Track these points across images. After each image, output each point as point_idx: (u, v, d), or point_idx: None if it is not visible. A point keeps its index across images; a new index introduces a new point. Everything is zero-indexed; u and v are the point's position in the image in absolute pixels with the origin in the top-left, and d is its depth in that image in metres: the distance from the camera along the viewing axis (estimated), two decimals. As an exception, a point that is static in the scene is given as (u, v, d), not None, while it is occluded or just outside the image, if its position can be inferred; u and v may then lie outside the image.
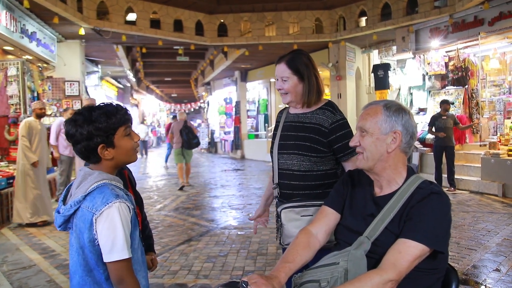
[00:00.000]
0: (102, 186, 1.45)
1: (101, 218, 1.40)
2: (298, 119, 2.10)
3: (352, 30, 10.92)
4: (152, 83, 23.82)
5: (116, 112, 1.51)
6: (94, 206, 1.41)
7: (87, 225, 1.42)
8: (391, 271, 1.30)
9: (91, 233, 1.42)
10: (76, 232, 1.47)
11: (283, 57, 2.10)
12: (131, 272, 1.44)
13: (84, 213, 1.43)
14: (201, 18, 11.23)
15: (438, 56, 9.23)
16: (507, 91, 8.96)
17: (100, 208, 1.40)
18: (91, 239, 1.42)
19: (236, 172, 12.78)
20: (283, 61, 2.08)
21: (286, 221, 2.01)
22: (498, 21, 8.15)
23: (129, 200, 1.49)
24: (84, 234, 1.43)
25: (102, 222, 1.40)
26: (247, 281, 1.30)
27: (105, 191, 1.43)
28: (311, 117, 2.06)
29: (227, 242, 5.01)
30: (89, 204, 1.42)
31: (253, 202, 7.56)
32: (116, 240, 1.39)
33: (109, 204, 1.40)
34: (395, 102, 1.56)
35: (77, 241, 1.48)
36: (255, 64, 15.99)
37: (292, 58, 2.07)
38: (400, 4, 9.68)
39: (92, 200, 1.42)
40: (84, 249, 1.45)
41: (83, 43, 10.61)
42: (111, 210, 1.40)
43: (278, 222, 2.08)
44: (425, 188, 1.46)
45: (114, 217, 1.40)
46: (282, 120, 2.20)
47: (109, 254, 1.40)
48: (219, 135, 21.25)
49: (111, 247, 1.39)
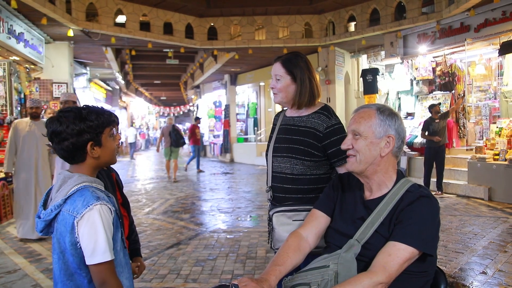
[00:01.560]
0: (83, 189, 1.44)
1: (82, 221, 1.39)
2: (294, 122, 2.10)
3: (341, 35, 11.01)
4: (141, 86, 23.68)
5: (104, 112, 1.55)
6: (75, 209, 1.40)
7: (69, 229, 1.41)
8: (381, 273, 1.31)
9: (73, 236, 1.41)
10: (57, 237, 1.46)
11: (280, 57, 2.11)
12: (113, 274, 1.44)
13: (65, 217, 1.42)
14: (191, 21, 11.22)
15: (425, 61, 9.36)
16: (492, 97, 9.12)
17: (81, 211, 1.39)
18: (73, 242, 1.41)
19: (225, 175, 12.75)
20: (279, 61, 2.09)
21: (277, 225, 2.00)
22: (483, 27, 8.29)
23: (111, 202, 1.49)
24: (65, 238, 1.42)
25: (83, 225, 1.39)
26: (237, 284, 1.29)
27: (85, 193, 1.43)
28: (307, 120, 2.06)
29: (216, 246, 4.99)
30: (69, 207, 1.41)
31: (242, 206, 7.55)
32: (97, 243, 1.39)
33: (90, 206, 1.39)
34: (387, 106, 1.58)
35: (58, 246, 1.46)
36: (244, 68, 16.01)
37: (288, 59, 2.07)
38: (389, 9, 9.80)
39: (72, 203, 1.41)
40: (65, 253, 1.44)
41: (71, 44, 10.51)
42: (92, 213, 1.39)
43: (269, 226, 2.07)
44: (414, 192, 1.47)
45: (95, 220, 1.39)
46: (278, 123, 2.20)
47: (91, 257, 1.39)
48: (208, 138, 21.18)
49: (93, 249, 1.39)
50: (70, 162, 1.53)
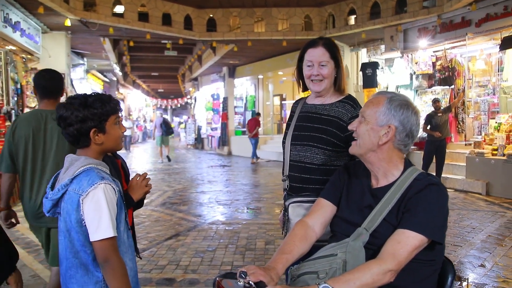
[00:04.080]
0: (88, 169, 1.51)
1: (87, 198, 1.45)
2: (316, 110, 2.01)
3: (341, 28, 10.96)
4: (138, 78, 23.55)
5: (110, 101, 1.60)
6: (81, 188, 1.46)
7: (74, 207, 1.47)
8: (390, 261, 1.29)
9: (78, 214, 1.47)
10: (63, 215, 1.52)
11: (317, 41, 1.97)
12: (116, 252, 1.49)
13: (71, 196, 1.48)
14: (190, 12, 11.13)
15: (425, 55, 9.33)
16: (491, 92, 9.12)
17: (86, 189, 1.46)
18: (78, 219, 1.47)
19: (223, 168, 12.73)
20: (321, 45, 1.94)
21: (293, 215, 1.93)
22: (485, 22, 8.26)
23: (115, 183, 1.54)
24: (71, 216, 1.48)
25: (88, 202, 1.45)
26: (246, 271, 1.28)
27: (91, 173, 1.49)
28: (330, 109, 1.97)
29: (215, 237, 4.98)
30: (75, 186, 1.48)
31: (240, 198, 7.54)
32: (101, 219, 1.45)
33: (95, 185, 1.46)
34: (402, 97, 1.53)
35: (64, 225, 1.52)
36: (243, 60, 15.93)
37: (330, 43, 1.96)
38: (389, 3, 9.75)
39: (78, 182, 1.48)
40: (71, 231, 1.50)
41: (68, 34, 10.40)
42: (97, 191, 1.46)
43: (285, 216, 1.98)
44: (422, 180, 1.45)
45: (99, 197, 1.46)
46: (297, 111, 2.09)
47: (94, 233, 1.45)
48: (206, 131, 21.14)
49: (97, 226, 1.45)
50: (76, 146, 1.60)
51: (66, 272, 1.53)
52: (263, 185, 9.07)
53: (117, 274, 1.46)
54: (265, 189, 8.56)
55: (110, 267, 1.45)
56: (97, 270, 1.51)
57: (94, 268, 1.50)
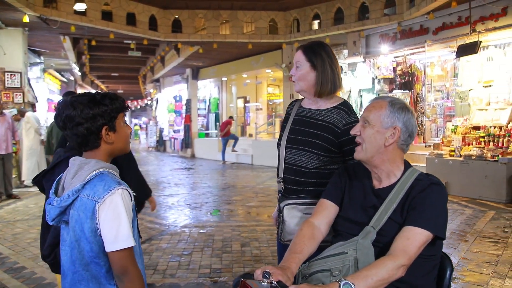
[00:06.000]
0: (102, 174, 1.40)
1: (104, 205, 1.34)
2: (311, 115, 2.05)
3: (305, 32, 11.18)
4: (97, 78, 22.81)
5: (117, 98, 1.51)
6: (96, 194, 1.35)
7: (89, 214, 1.35)
8: (402, 256, 1.37)
9: (93, 222, 1.35)
10: (72, 224, 1.40)
11: (303, 45, 2.06)
12: (134, 262, 1.39)
13: (84, 202, 1.36)
14: (155, 12, 10.96)
15: (387, 61, 9.71)
16: (445, 97, 9.65)
17: (103, 196, 1.34)
18: (93, 228, 1.36)
19: (188, 170, 12.60)
20: (301, 48, 2.04)
21: (288, 217, 1.96)
22: (441, 30, 8.73)
23: (130, 188, 1.45)
24: (84, 225, 1.36)
25: (105, 210, 1.35)
26: (270, 271, 1.29)
27: (105, 178, 1.39)
28: (325, 115, 2.01)
29: (190, 241, 4.93)
30: (89, 192, 1.36)
31: (209, 201, 7.50)
32: (120, 228, 1.34)
33: (112, 191, 1.35)
34: (401, 100, 1.62)
35: (73, 234, 1.40)
36: (207, 62, 15.87)
37: (309, 47, 2.02)
38: (353, 9, 10.07)
39: (92, 188, 1.36)
40: (80, 242, 1.38)
41: (26, 31, 9.92)
42: (114, 197, 1.35)
43: (280, 218, 2.01)
44: (424, 180, 1.54)
45: (117, 204, 1.35)
46: (293, 113, 2.13)
47: (113, 243, 1.34)
48: (168, 133, 20.82)
49: (115, 235, 1.34)
50: (84, 149, 1.48)
51: (73, 286, 1.42)
52: (231, 188, 9.07)
53: (136, 286, 1.37)
54: (233, 192, 8.56)
55: (129, 280, 1.36)
56: (110, 283, 1.41)
57: (107, 281, 1.40)
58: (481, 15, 7.88)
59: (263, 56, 13.76)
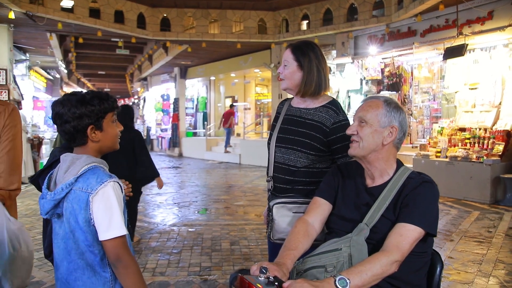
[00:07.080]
0: (94, 167, 1.47)
1: (97, 196, 1.42)
2: (300, 114, 2.07)
3: (294, 32, 11.24)
4: (83, 76, 22.53)
5: (108, 98, 1.56)
6: (89, 186, 1.42)
7: (83, 205, 1.42)
8: (395, 252, 1.39)
9: (86, 213, 1.42)
10: (66, 216, 1.46)
11: (293, 44, 2.08)
12: (128, 250, 1.46)
13: (78, 195, 1.43)
14: (143, 10, 10.89)
15: (375, 62, 9.81)
16: (431, 98, 9.79)
17: (96, 188, 1.42)
18: (87, 219, 1.42)
19: (175, 169, 12.54)
20: (290, 47, 2.06)
21: (277, 216, 1.97)
22: (429, 33, 8.87)
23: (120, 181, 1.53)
24: (78, 216, 1.43)
25: (98, 201, 1.42)
26: (267, 266, 1.31)
27: (97, 172, 1.46)
28: (314, 114, 2.03)
29: (179, 239, 4.92)
30: (82, 185, 1.43)
31: (198, 200, 7.48)
32: (113, 217, 1.42)
33: (105, 183, 1.43)
34: (394, 100, 1.66)
35: (68, 226, 1.46)
36: (196, 61, 15.81)
37: (298, 46, 2.04)
38: (341, 10, 10.15)
39: (85, 181, 1.43)
40: (75, 232, 1.45)
41: (11, 28, 9.75)
42: (107, 189, 1.43)
43: (269, 216, 2.03)
44: (416, 178, 1.57)
45: (110, 195, 1.43)
46: (282, 112, 2.15)
47: (106, 232, 1.41)
48: (156, 132, 20.69)
49: (108, 224, 1.41)
50: (73, 145, 1.55)
51: (69, 275, 1.47)
52: (219, 187, 9.06)
53: (130, 272, 1.43)
54: (221, 191, 8.55)
55: (123, 266, 1.42)
56: (105, 271, 1.47)
57: (101, 268, 1.46)
58: (468, 19, 8.03)
59: (251, 55, 13.77)
